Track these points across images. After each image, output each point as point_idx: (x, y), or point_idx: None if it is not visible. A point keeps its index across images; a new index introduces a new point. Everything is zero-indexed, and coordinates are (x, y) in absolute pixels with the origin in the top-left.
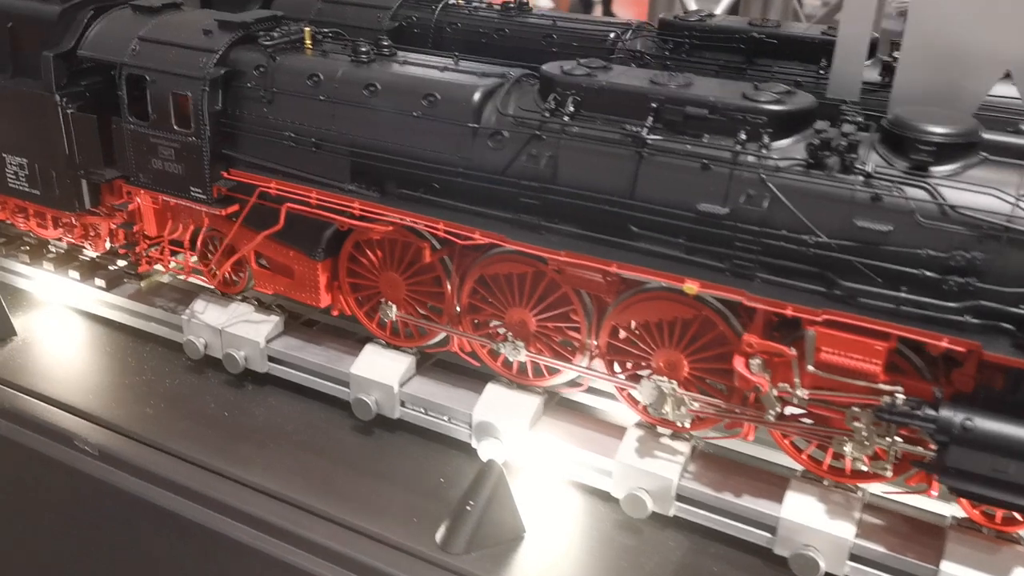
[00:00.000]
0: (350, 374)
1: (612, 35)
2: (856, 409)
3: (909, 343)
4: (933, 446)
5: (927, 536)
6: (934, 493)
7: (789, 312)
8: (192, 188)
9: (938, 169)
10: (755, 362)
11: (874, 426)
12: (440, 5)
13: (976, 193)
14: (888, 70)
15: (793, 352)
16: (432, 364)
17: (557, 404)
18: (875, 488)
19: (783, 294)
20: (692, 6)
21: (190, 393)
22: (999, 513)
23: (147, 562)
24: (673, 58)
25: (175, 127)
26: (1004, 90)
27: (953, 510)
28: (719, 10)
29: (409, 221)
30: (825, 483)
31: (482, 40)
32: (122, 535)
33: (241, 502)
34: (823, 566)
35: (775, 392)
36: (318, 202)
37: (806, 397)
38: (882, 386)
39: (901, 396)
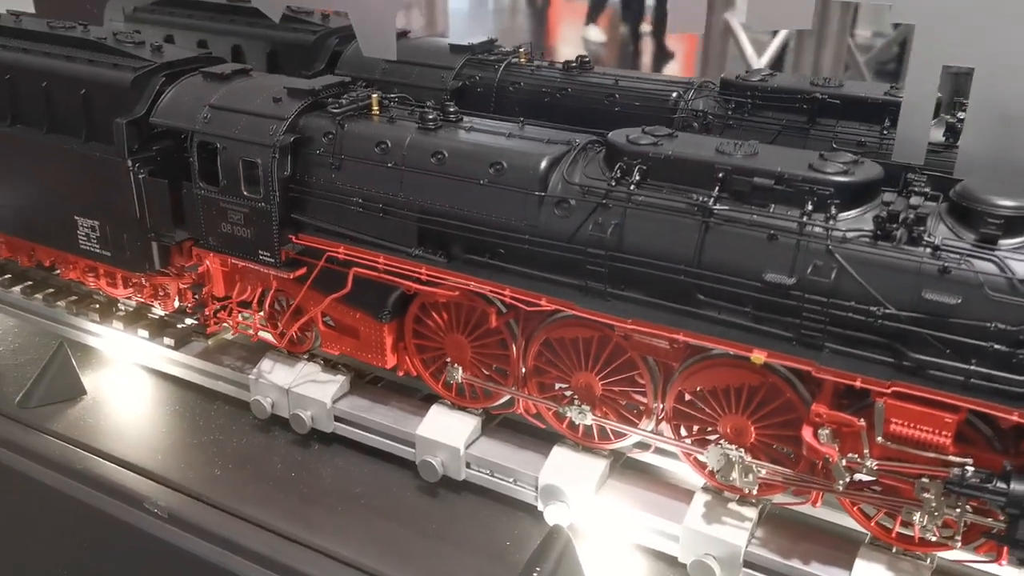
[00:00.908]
0: (416, 435)
1: (674, 94)
2: (926, 480)
3: (979, 414)
4: (1003, 518)
5: None
6: (1003, 562)
7: (858, 384)
8: (261, 251)
9: (1006, 242)
10: (824, 432)
11: (943, 497)
12: (503, 65)
13: None
14: (952, 131)
15: (862, 423)
16: (497, 424)
17: (623, 466)
18: (948, 555)
19: (851, 364)
20: (749, 51)
21: (258, 453)
22: None
23: None
24: (735, 118)
25: (245, 193)
26: None
27: None
28: (768, 53)
29: (475, 287)
30: (894, 551)
31: (544, 100)
32: None
33: (312, 567)
34: None
35: (844, 462)
36: (385, 267)
37: (875, 467)
38: (952, 458)
39: (971, 468)
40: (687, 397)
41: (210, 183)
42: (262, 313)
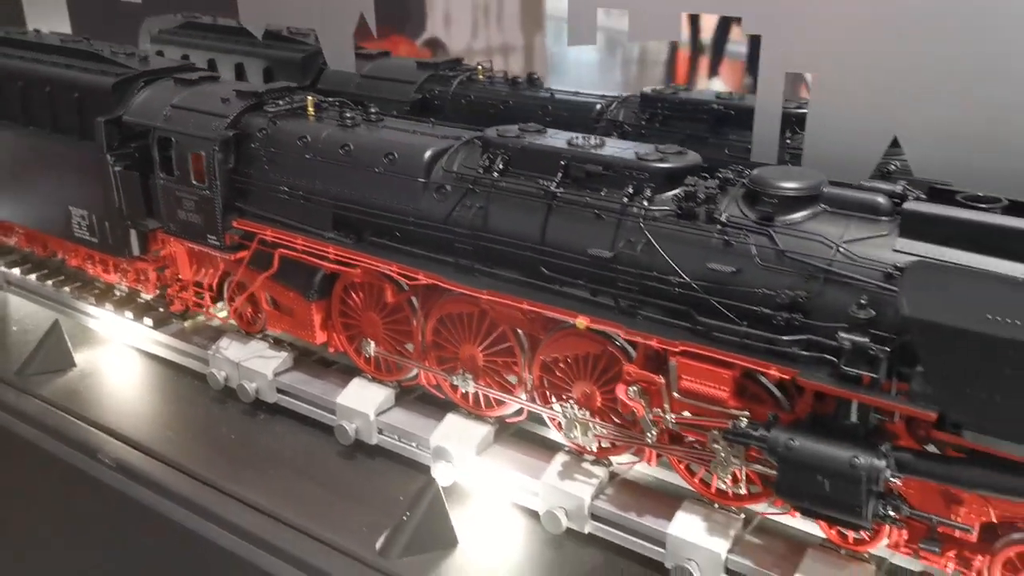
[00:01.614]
0: (337, 403)
1: (599, 107)
2: (715, 432)
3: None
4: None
5: (793, 554)
6: (797, 514)
7: (655, 344)
8: (209, 236)
9: (782, 219)
10: (633, 389)
11: (729, 447)
12: (457, 79)
13: (806, 240)
14: None
15: (661, 380)
16: (415, 398)
17: (513, 434)
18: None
19: (654, 328)
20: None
21: (210, 421)
22: (851, 535)
23: (149, 566)
24: (648, 127)
25: (193, 182)
26: None
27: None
28: None
29: (367, 264)
30: (716, 506)
31: (490, 111)
32: (132, 541)
33: (236, 517)
34: None
35: (650, 416)
36: (304, 248)
37: (674, 421)
38: (733, 411)
39: (745, 420)
40: (549, 367)
41: (168, 174)
42: (211, 292)
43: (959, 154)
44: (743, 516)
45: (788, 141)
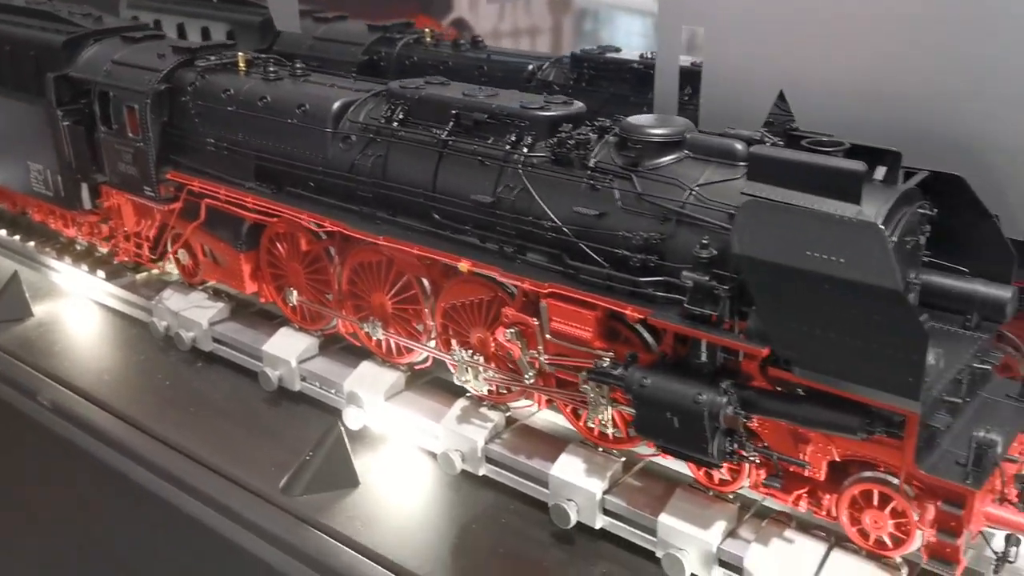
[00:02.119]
0: (263, 351)
1: (531, 67)
2: (583, 373)
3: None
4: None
5: (667, 495)
6: (667, 457)
7: (526, 286)
8: (145, 187)
9: (647, 164)
10: (510, 331)
11: (597, 388)
12: (402, 41)
13: (664, 183)
14: None
15: (535, 322)
16: (340, 347)
17: (426, 382)
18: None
19: (529, 272)
20: None
21: (149, 367)
22: (716, 475)
23: (78, 500)
24: (576, 87)
25: (129, 135)
26: None
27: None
28: None
29: (281, 212)
30: (600, 449)
31: (429, 72)
32: (65, 480)
33: (158, 457)
34: (574, 516)
35: (527, 358)
36: (226, 198)
37: (547, 361)
38: (598, 351)
39: (608, 360)
40: (449, 314)
41: (108, 128)
42: (149, 243)
43: (847, 106)
44: (623, 459)
45: (686, 97)
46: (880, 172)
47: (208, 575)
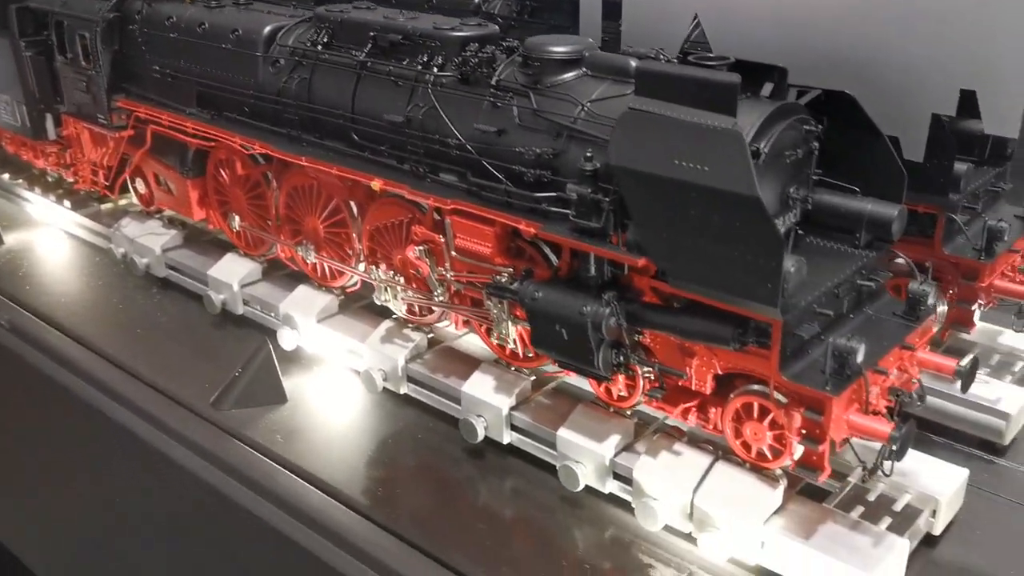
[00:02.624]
0: (208, 276)
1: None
2: (485, 289)
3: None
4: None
5: (570, 411)
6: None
7: (431, 203)
8: (98, 115)
9: (546, 81)
10: (419, 248)
11: (500, 305)
12: None
13: (559, 100)
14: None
15: (441, 240)
16: (284, 274)
17: (363, 306)
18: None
19: (435, 190)
20: None
21: (106, 291)
22: (615, 391)
23: (17, 408)
24: (518, 19)
25: (83, 64)
26: None
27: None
28: None
29: (217, 136)
30: (512, 368)
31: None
32: (17, 394)
33: (103, 373)
34: (481, 431)
35: (435, 275)
36: (168, 123)
37: (453, 278)
38: (499, 267)
39: (506, 276)
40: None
41: (64, 57)
42: (105, 171)
43: (759, 31)
44: (533, 377)
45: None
46: (768, 89)
47: (138, 483)
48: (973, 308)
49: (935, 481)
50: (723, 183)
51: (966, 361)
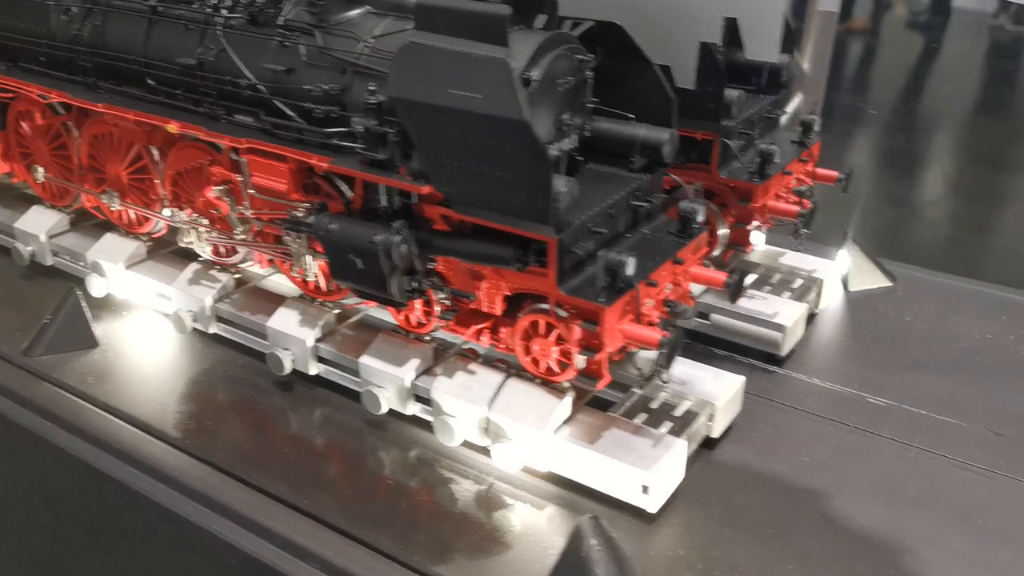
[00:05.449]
0: (13, 228)
1: None
2: (283, 224)
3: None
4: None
5: (371, 340)
6: (373, 306)
7: (226, 143)
8: None
9: (331, 19)
10: (218, 188)
11: (298, 239)
12: None
13: (343, 37)
14: None
15: (239, 178)
16: (93, 224)
17: (172, 252)
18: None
19: (230, 130)
20: None
21: None
22: (413, 319)
23: None
24: None
25: None
26: None
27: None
28: None
29: (10, 86)
30: (316, 302)
31: None
32: None
33: None
34: (288, 364)
35: (235, 214)
36: None
37: (251, 216)
38: (295, 203)
39: (303, 210)
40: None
41: None
42: None
43: None
44: (336, 310)
45: None
46: (541, 21)
47: None
48: (749, 228)
49: (713, 388)
50: (495, 109)
51: (734, 275)
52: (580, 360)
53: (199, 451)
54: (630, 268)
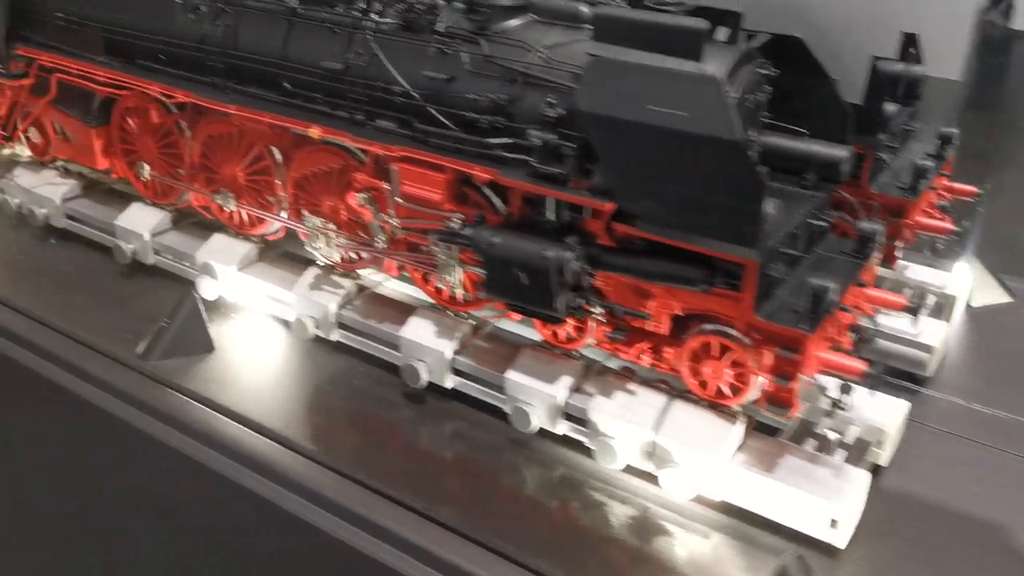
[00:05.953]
0: (116, 225)
1: None
2: (433, 235)
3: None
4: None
5: (513, 355)
6: (517, 318)
7: (376, 150)
8: None
9: (494, 28)
10: (361, 196)
11: (447, 250)
12: None
13: (511, 46)
14: None
15: (387, 186)
16: (192, 222)
17: (280, 254)
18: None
19: (380, 137)
20: None
21: (3, 243)
22: (561, 334)
23: None
24: None
25: None
26: None
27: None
28: None
29: (132, 84)
30: (450, 313)
31: None
32: None
33: (11, 323)
34: (424, 375)
35: (378, 222)
36: (76, 71)
37: (399, 225)
38: (448, 213)
39: (458, 222)
40: (302, 185)
41: None
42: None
43: None
44: (473, 322)
45: None
46: (723, 34)
47: (67, 433)
48: (896, 245)
49: (880, 414)
50: (703, 128)
51: (914, 297)
52: (757, 387)
53: (328, 460)
54: (833, 294)
